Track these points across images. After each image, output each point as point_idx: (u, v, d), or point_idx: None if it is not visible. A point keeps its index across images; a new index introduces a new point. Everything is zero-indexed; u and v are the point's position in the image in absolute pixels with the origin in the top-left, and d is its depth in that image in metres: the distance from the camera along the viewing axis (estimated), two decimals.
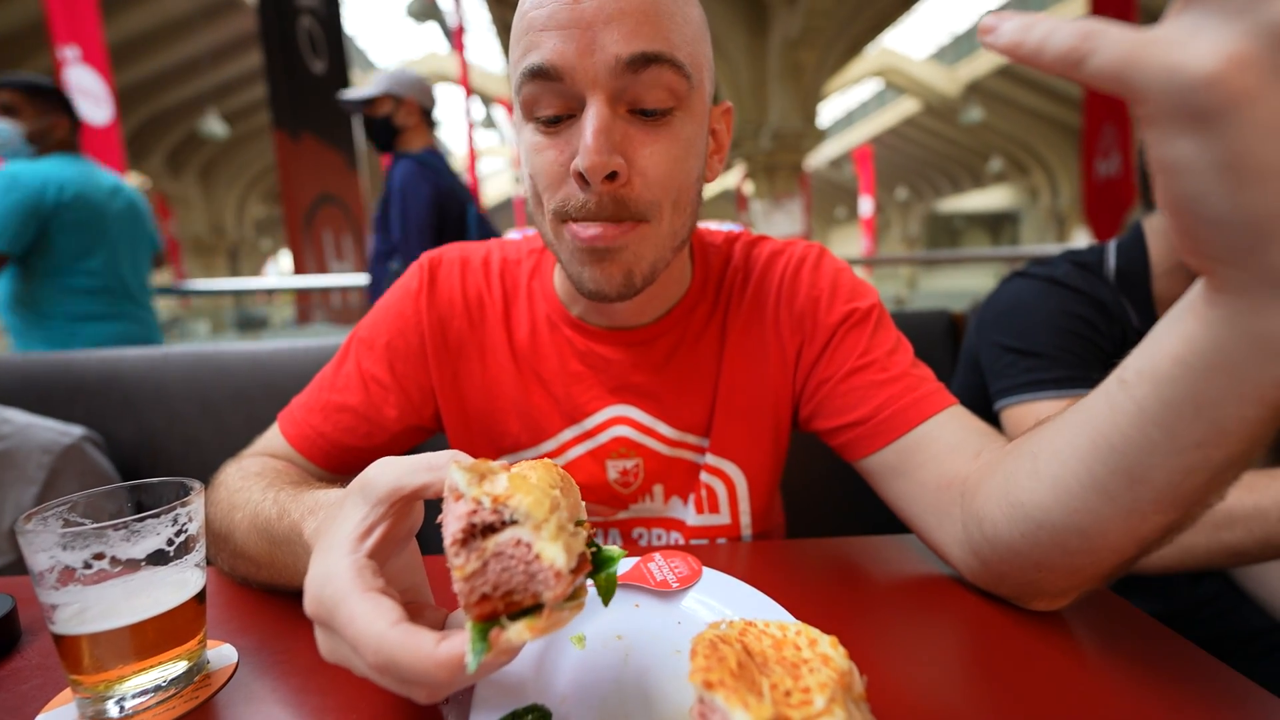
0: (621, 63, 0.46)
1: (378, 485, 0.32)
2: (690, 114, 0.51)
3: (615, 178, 0.48)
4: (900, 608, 0.47)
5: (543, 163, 0.50)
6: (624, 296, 0.53)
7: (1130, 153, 4.63)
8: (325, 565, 0.30)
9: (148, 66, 11.74)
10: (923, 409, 0.55)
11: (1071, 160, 17.98)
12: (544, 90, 0.48)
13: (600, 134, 0.46)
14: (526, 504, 0.28)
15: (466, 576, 0.28)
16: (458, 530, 0.28)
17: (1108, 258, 0.84)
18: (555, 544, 0.27)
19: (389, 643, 0.27)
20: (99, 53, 4.61)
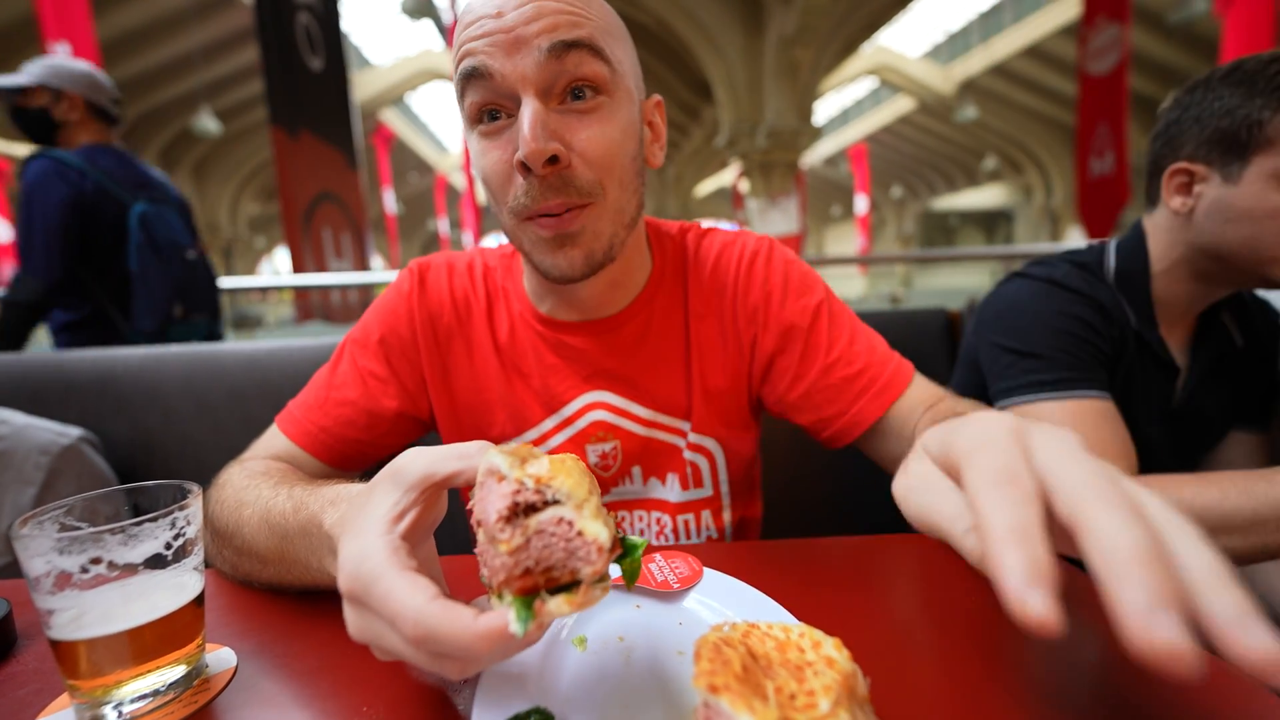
0: (544, 52, 0.51)
1: (410, 471, 0.33)
2: (617, 100, 0.55)
3: (556, 162, 0.52)
4: (902, 608, 0.47)
5: (489, 163, 0.55)
6: (587, 275, 0.57)
7: (1124, 151, 4.66)
8: (360, 544, 0.31)
9: (140, 63, 11.65)
10: (888, 395, 0.64)
11: (1065, 159, 18.06)
12: (481, 93, 0.53)
13: (535, 124, 0.50)
14: (569, 485, 0.29)
15: (511, 551, 0.29)
16: (503, 507, 0.29)
17: (1107, 258, 0.85)
18: (597, 521, 0.29)
19: (430, 615, 0.28)
20: (90, 48, 4.57)
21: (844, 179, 24.90)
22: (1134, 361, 0.82)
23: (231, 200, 17.98)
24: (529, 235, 0.56)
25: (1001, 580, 0.24)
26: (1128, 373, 0.82)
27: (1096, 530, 0.24)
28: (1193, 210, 0.76)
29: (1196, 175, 0.75)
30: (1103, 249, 0.87)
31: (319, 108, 3.78)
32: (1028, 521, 0.25)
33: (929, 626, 0.44)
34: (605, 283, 0.63)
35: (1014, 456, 0.28)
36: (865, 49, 15.07)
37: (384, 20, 17.38)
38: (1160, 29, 11.89)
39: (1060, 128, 17.59)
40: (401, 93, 17.02)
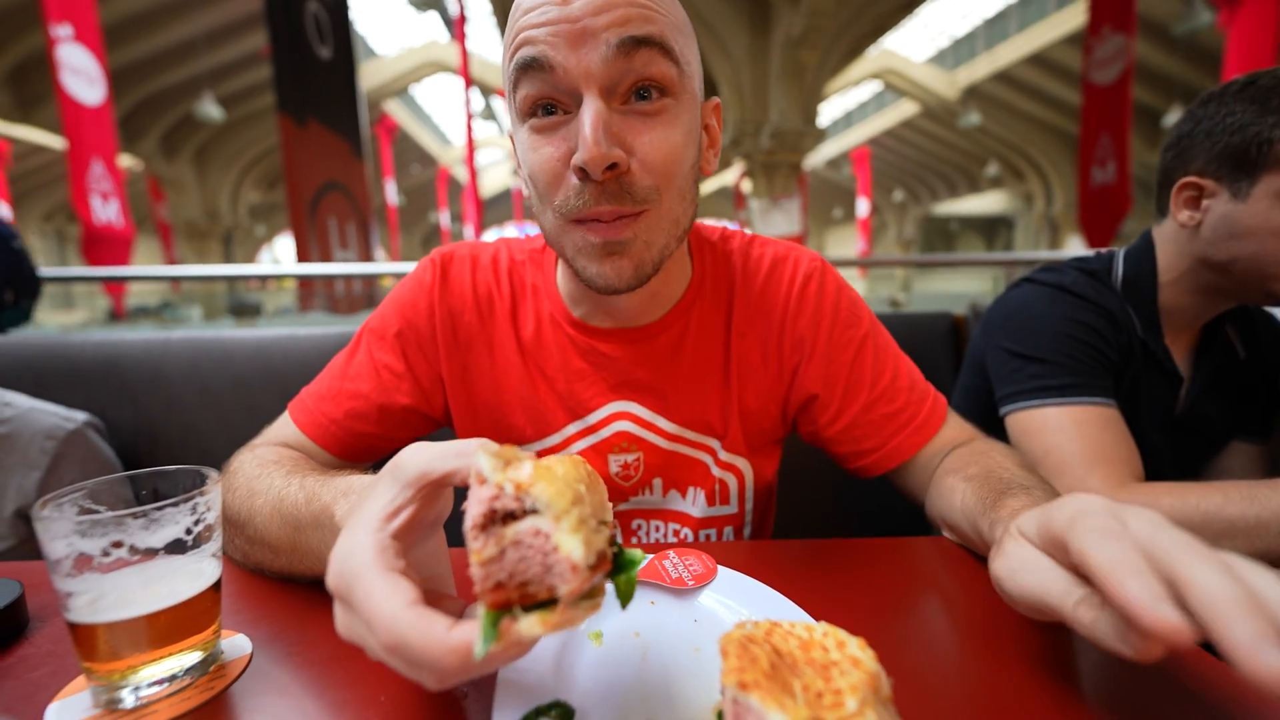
0: (612, 48, 0.47)
1: (407, 468, 0.32)
2: (683, 103, 0.52)
3: (615, 168, 0.49)
4: (919, 610, 0.47)
5: (540, 160, 0.51)
6: (633, 287, 0.54)
7: (1126, 161, 4.67)
8: (350, 540, 0.31)
9: (143, 47, 11.58)
10: (924, 434, 0.65)
11: (1066, 167, 18.09)
12: (537, 85, 0.49)
13: (598, 127, 0.47)
14: (549, 494, 0.27)
15: (483, 562, 0.27)
16: (478, 514, 0.28)
17: (1116, 266, 0.85)
18: (574, 537, 0.27)
19: (401, 623, 0.27)
20: (93, 32, 4.54)
21: (846, 181, 24.91)
22: (1139, 369, 0.82)
23: (233, 187, 17.90)
24: (575, 240, 0.53)
25: (1130, 603, 0.27)
26: (1133, 380, 0.82)
27: (1198, 583, 0.27)
28: (1200, 224, 0.77)
29: (1205, 190, 0.76)
30: (1111, 257, 0.87)
31: (327, 96, 3.77)
32: (1139, 561, 0.29)
33: (947, 628, 0.44)
34: (646, 293, 0.61)
35: (1112, 521, 0.31)
36: (871, 52, 15.06)
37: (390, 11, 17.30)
38: (1163, 40, 11.92)
39: (1062, 136, 17.62)
40: (406, 84, 16.96)
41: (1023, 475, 0.53)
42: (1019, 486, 0.50)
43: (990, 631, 0.43)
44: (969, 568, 0.53)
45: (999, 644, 0.42)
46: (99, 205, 4.77)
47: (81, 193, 4.70)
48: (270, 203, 20.95)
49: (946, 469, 0.60)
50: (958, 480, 0.56)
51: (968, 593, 0.49)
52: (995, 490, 0.50)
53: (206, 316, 14.30)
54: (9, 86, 11.35)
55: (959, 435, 0.66)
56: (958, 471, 0.58)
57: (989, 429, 0.88)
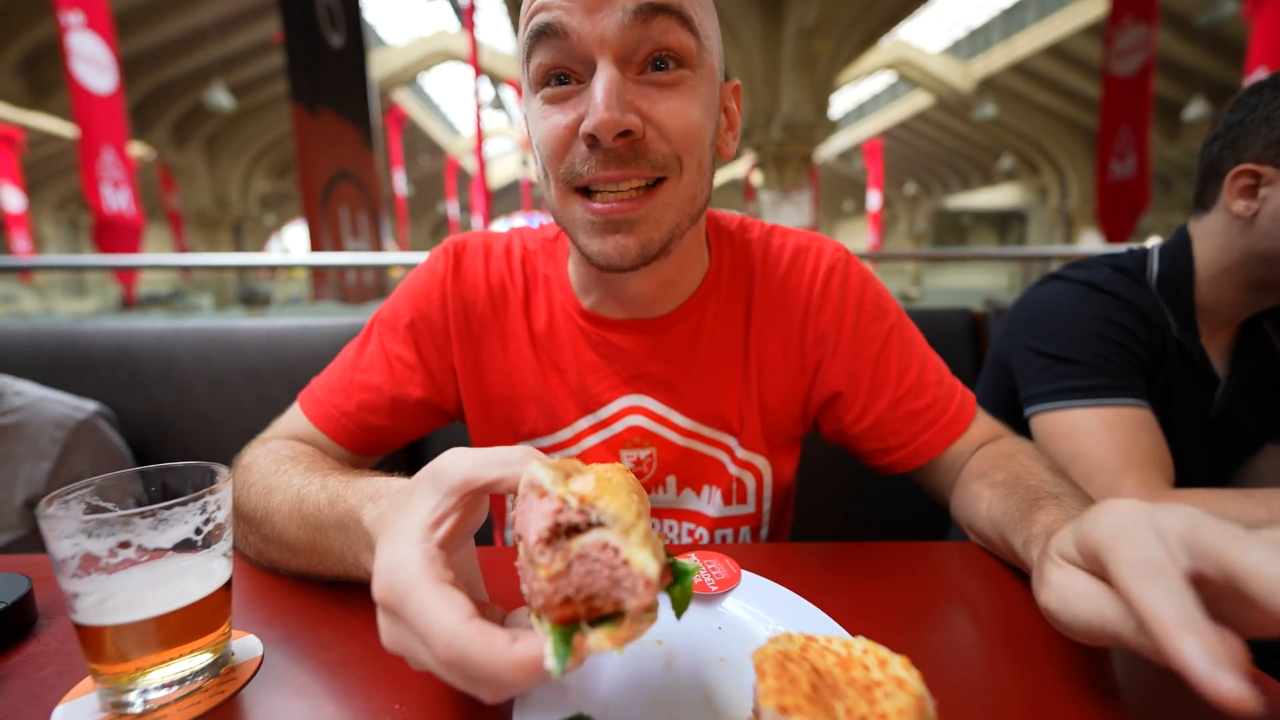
0: (628, 14, 0.45)
1: (450, 475, 0.31)
2: (701, 76, 0.50)
3: (629, 135, 0.47)
4: (945, 620, 0.45)
5: (548, 128, 0.49)
6: (638, 266, 0.51)
7: (1146, 155, 4.57)
8: (396, 552, 0.29)
9: (154, 36, 11.59)
10: (953, 430, 0.63)
11: (1082, 160, 17.81)
12: (551, 53, 0.47)
13: (610, 92, 0.45)
14: (615, 506, 0.27)
15: (551, 576, 0.27)
16: (544, 528, 0.27)
17: (1150, 263, 0.82)
18: (645, 551, 0.26)
19: (463, 639, 0.26)
20: (104, 19, 4.54)
21: (857, 174, 24.66)
22: (1173, 370, 0.79)
23: (243, 176, 17.95)
24: (576, 214, 0.51)
25: (1188, 666, 0.26)
26: (1166, 381, 0.79)
27: (1254, 569, 0.26)
28: (1256, 214, 0.73)
29: (1263, 177, 0.72)
30: (1145, 254, 0.84)
31: (338, 85, 3.75)
32: (1190, 609, 0.27)
33: (980, 642, 0.43)
34: (658, 280, 0.58)
35: (1154, 544, 0.29)
36: (884, 43, 14.85)
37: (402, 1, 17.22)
38: (1185, 31, 11.66)
39: (1079, 129, 17.34)
40: (415, 73, 16.90)
41: (1051, 481, 0.51)
42: (1048, 495, 0.48)
43: (1025, 645, 0.41)
44: (998, 575, 0.51)
45: (1034, 659, 0.40)
46: (110, 193, 4.79)
47: (92, 181, 4.71)
48: (280, 192, 21.01)
49: (972, 472, 0.58)
50: (983, 487, 0.54)
51: (998, 603, 0.47)
52: (1024, 500, 0.48)
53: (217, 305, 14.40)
54: (22, 74, 11.40)
55: (987, 433, 0.64)
56: (983, 476, 0.56)
57: (1012, 429, 0.86)
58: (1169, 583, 0.28)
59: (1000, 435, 0.64)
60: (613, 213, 0.49)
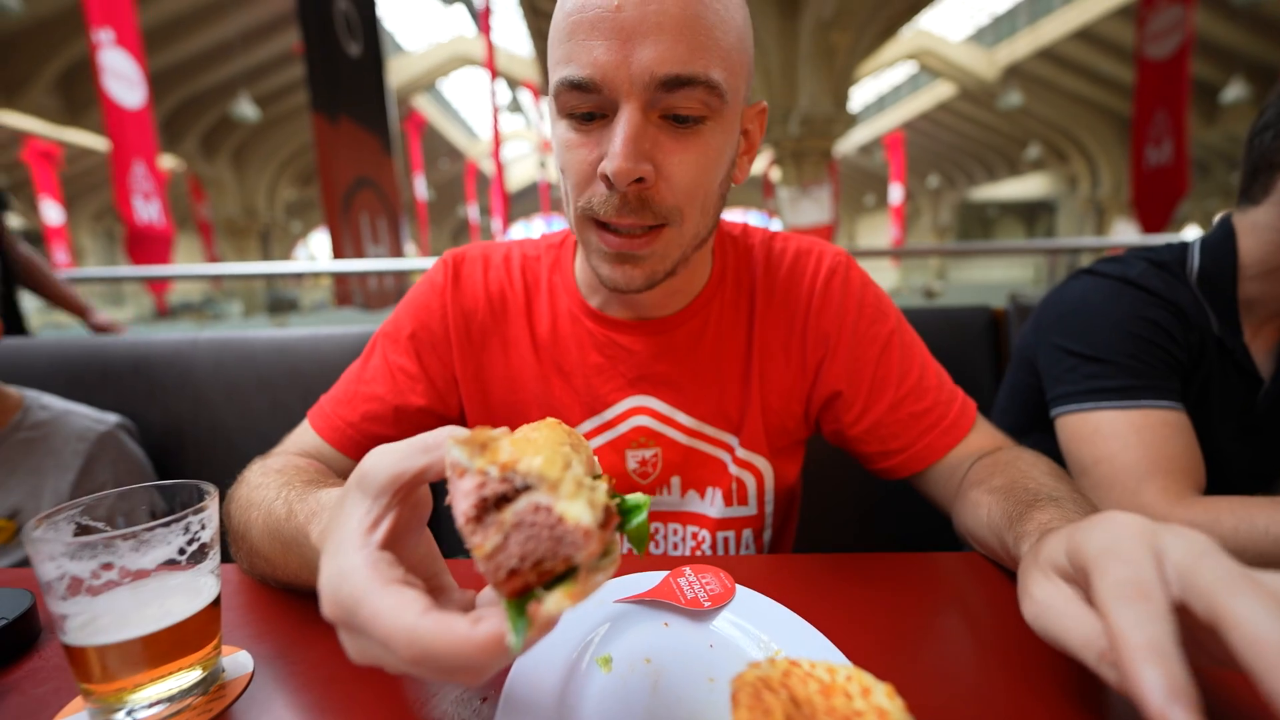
0: (656, 80, 0.47)
1: (376, 475, 0.30)
2: (721, 124, 0.51)
3: (642, 182, 0.49)
4: (944, 635, 0.44)
5: (574, 160, 0.51)
6: (644, 290, 0.55)
7: (1184, 141, 4.41)
8: (337, 564, 0.29)
9: (181, 50, 11.94)
10: (953, 435, 0.62)
11: (1114, 147, 17.27)
12: (580, 99, 0.49)
13: (630, 141, 0.47)
14: (537, 465, 0.26)
15: (488, 554, 0.26)
16: (469, 507, 0.26)
17: (1191, 257, 0.77)
18: (576, 501, 0.25)
19: (422, 634, 0.25)
20: (133, 36, 4.68)
21: (878, 168, 24.27)
22: (1212, 369, 0.75)
23: (269, 185, 18.40)
24: (592, 240, 0.54)
25: (1143, 697, 0.24)
26: (1204, 381, 0.75)
27: (1241, 624, 0.24)
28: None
29: None
30: (1185, 248, 0.79)
31: (357, 93, 3.81)
32: (1163, 638, 0.25)
33: (980, 658, 0.41)
34: (664, 289, 0.60)
35: (1145, 566, 0.28)
36: (905, 32, 14.58)
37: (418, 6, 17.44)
38: (1224, 10, 11.22)
39: (1110, 115, 16.82)
40: (434, 79, 17.13)
41: (1052, 485, 0.50)
42: (1047, 498, 0.46)
43: (1028, 664, 0.40)
44: (1001, 586, 0.49)
45: (1036, 678, 0.38)
46: (141, 205, 4.93)
47: (124, 193, 4.86)
48: (305, 199, 21.48)
49: (971, 481, 0.57)
50: (982, 493, 0.53)
51: (1001, 616, 0.45)
52: (1021, 502, 0.47)
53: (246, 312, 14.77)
54: (59, 92, 11.85)
55: (987, 442, 0.63)
56: (982, 483, 0.54)
57: (1037, 432, 0.82)
58: (1149, 607, 0.26)
59: (1001, 444, 0.63)
60: (622, 247, 0.52)
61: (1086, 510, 0.44)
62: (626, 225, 0.51)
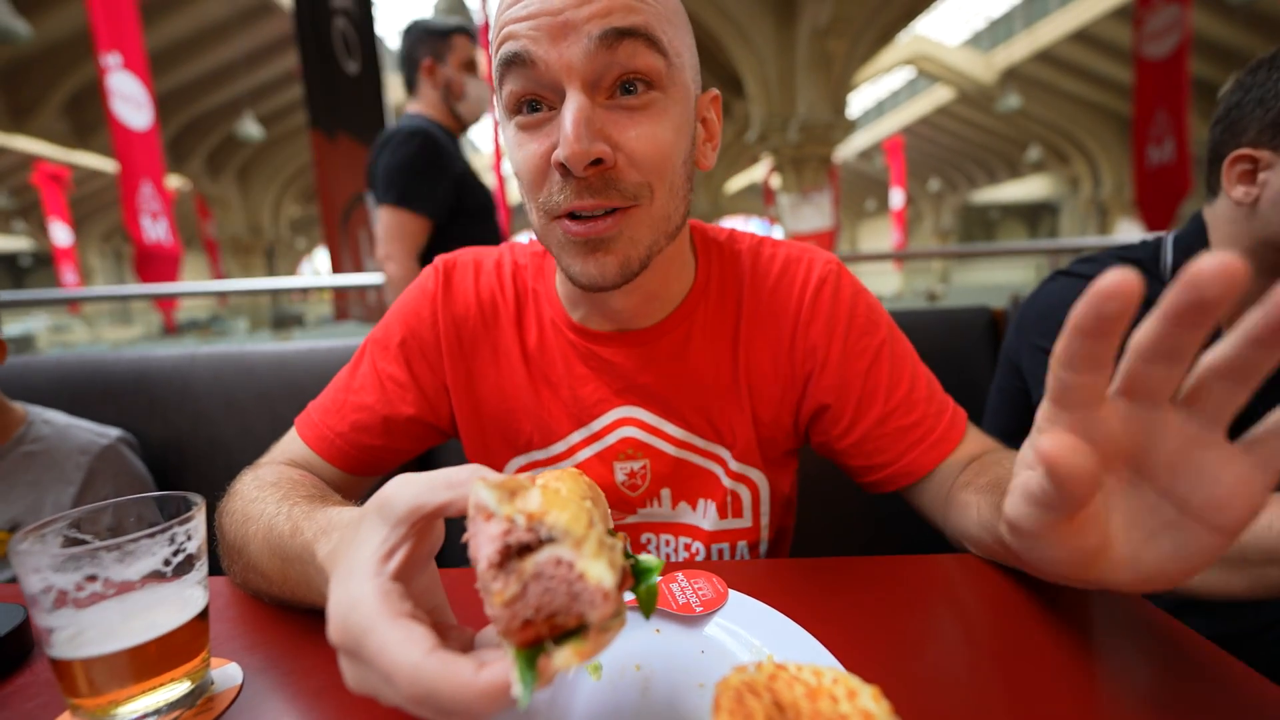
0: (594, 40, 0.45)
1: (397, 504, 0.30)
2: (672, 96, 0.50)
3: (600, 164, 0.47)
4: (943, 637, 0.43)
5: (524, 156, 0.50)
6: (619, 284, 0.52)
7: (1185, 139, 4.40)
8: (348, 591, 0.29)
9: (186, 72, 12.12)
10: (942, 449, 0.60)
11: (1115, 148, 17.25)
12: (521, 81, 0.48)
13: (579, 122, 0.45)
14: (564, 520, 0.26)
15: (507, 602, 0.26)
16: (493, 553, 0.26)
17: (1164, 253, 0.78)
18: (599, 561, 0.26)
19: (426, 673, 0.25)
20: (140, 59, 4.75)
21: (879, 173, 24.30)
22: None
23: (274, 203, 18.58)
24: (558, 236, 0.51)
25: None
26: None
27: None
28: (1257, 200, 0.70)
29: (1261, 162, 0.68)
30: (1158, 244, 0.80)
31: (355, 110, 3.84)
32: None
33: (974, 659, 0.40)
34: (641, 294, 0.59)
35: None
36: (902, 38, 14.64)
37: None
38: (1220, 9, 11.23)
39: (1111, 116, 16.81)
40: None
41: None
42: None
43: (1021, 665, 0.39)
44: (997, 586, 0.49)
45: (1031, 678, 0.38)
46: (149, 224, 4.98)
47: (132, 213, 4.91)
48: (309, 216, 21.66)
49: (960, 484, 0.56)
50: (971, 494, 0.52)
51: (997, 616, 0.45)
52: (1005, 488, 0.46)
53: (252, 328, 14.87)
54: (68, 115, 12.03)
55: (976, 449, 0.61)
56: (970, 485, 0.54)
57: (1025, 434, 0.82)
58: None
59: (988, 449, 0.61)
60: (590, 233, 0.49)
61: None
62: (591, 207, 0.48)
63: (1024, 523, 0.31)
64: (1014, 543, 0.33)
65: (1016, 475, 0.33)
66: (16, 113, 11.29)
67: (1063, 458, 0.26)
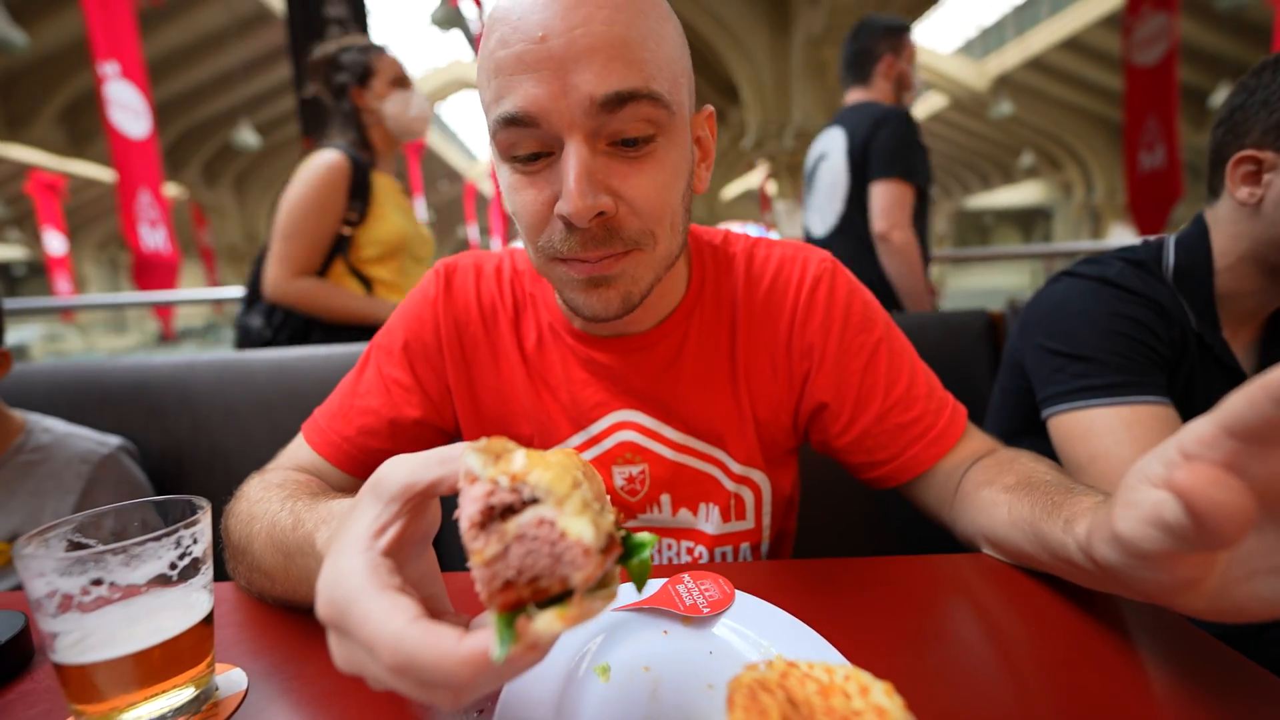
0: (596, 104, 0.44)
1: (390, 482, 0.30)
2: (672, 139, 0.49)
3: (603, 215, 0.47)
4: (953, 638, 0.43)
5: (523, 203, 0.49)
6: (621, 316, 0.53)
7: (1175, 145, 4.44)
8: (337, 565, 0.28)
9: (184, 81, 12.12)
10: (942, 445, 0.61)
11: (1107, 154, 17.39)
12: (520, 137, 0.47)
13: (582, 177, 0.45)
14: (547, 479, 0.26)
15: (487, 561, 0.25)
16: (475, 512, 0.26)
17: (1166, 254, 0.79)
18: (581, 519, 0.25)
19: (407, 640, 0.25)
20: (137, 68, 4.75)
21: None
22: (1194, 366, 0.75)
23: (270, 211, 18.53)
24: (559, 274, 0.52)
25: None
26: (1188, 378, 0.76)
27: None
28: (1261, 201, 0.71)
29: (1265, 163, 0.69)
30: (1160, 245, 0.81)
31: None
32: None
33: (989, 661, 0.40)
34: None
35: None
36: None
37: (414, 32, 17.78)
38: (1208, 16, 11.37)
39: (1102, 122, 16.96)
40: (432, 103, 17.34)
41: (1068, 480, 0.49)
42: (1077, 488, 0.46)
43: (1039, 665, 0.39)
44: (1014, 588, 0.49)
45: (1049, 679, 0.37)
46: (147, 232, 4.97)
47: (130, 221, 4.90)
48: None
49: (977, 482, 0.56)
50: (996, 492, 0.52)
51: (1013, 618, 0.45)
52: (1051, 492, 0.46)
53: None
54: (63, 125, 12.01)
55: (980, 447, 0.62)
56: (992, 483, 0.54)
57: (1030, 434, 0.83)
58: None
59: (994, 449, 0.62)
60: (593, 271, 0.50)
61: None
62: (596, 258, 0.49)
63: (1144, 544, 0.29)
64: (1111, 557, 0.32)
65: (1135, 490, 0.30)
66: (11, 122, 11.28)
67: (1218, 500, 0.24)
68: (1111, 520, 0.32)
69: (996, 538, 0.52)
